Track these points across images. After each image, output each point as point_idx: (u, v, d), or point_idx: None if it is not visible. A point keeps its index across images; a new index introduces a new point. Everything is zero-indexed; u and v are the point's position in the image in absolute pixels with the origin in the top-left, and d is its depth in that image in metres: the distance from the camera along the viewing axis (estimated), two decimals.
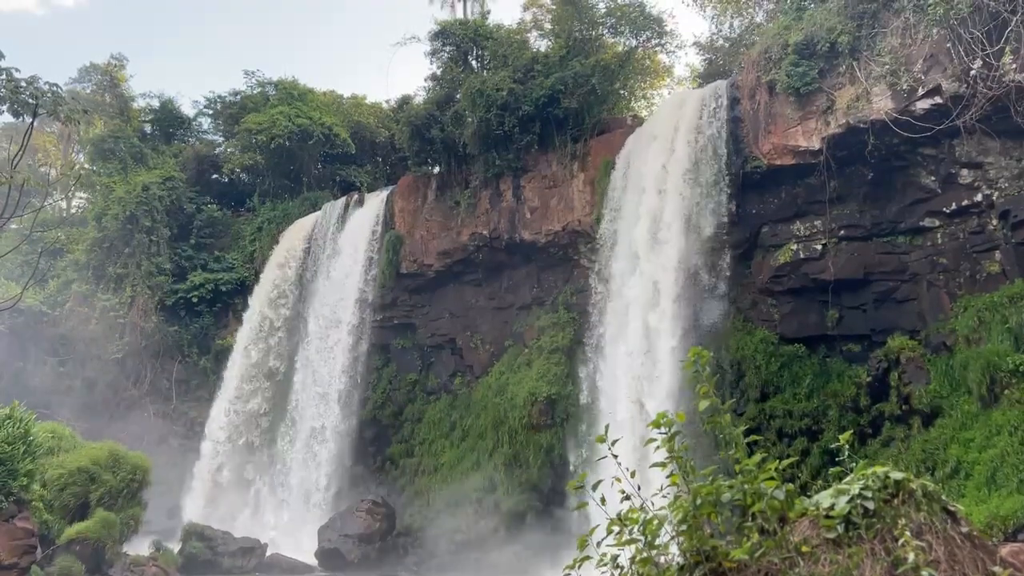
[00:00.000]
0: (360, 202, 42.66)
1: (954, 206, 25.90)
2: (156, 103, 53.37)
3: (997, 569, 3.71)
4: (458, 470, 34.63)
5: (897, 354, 25.72)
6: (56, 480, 27.16)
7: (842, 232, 28.15)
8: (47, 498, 25.18)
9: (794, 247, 29.00)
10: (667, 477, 4.20)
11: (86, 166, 55.33)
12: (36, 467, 19.57)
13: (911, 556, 3.53)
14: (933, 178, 26.13)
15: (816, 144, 26.81)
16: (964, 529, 4.02)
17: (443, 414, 38.08)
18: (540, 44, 39.40)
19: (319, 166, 49.27)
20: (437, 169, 40.45)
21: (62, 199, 58.87)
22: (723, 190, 28.92)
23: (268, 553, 31.78)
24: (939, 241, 26.63)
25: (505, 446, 32.59)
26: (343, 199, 43.36)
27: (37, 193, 47.18)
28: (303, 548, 32.38)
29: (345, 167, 48.94)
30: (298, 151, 46.97)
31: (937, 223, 26.61)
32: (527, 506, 31.17)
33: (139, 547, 28.43)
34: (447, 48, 40.06)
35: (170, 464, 36.94)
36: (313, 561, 31.79)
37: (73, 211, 58.33)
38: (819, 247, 28.55)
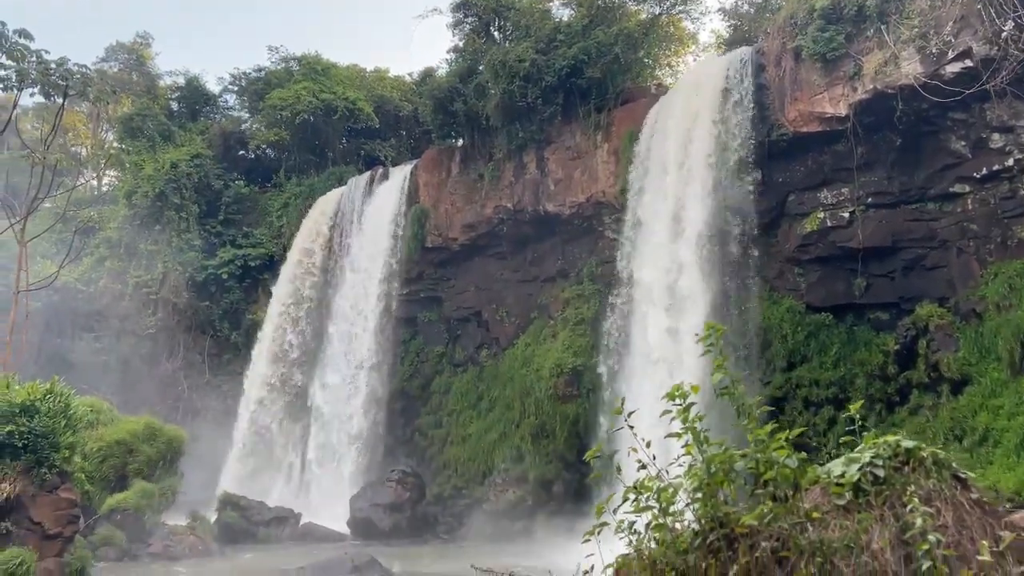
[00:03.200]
0: (385, 176, 42.82)
1: (985, 171, 25.49)
2: (182, 80, 53.85)
3: (1004, 533, 3.81)
4: (485, 441, 35.05)
5: (926, 322, 25.53)
6: (96, 452, 27.99)
7: (870, 199, 27.85)
8: (87, 470, 25.94)
9: (821, 215, 28.76)
10: (682, 447, 4.34)
11: (115, 144, 56.00)
12: (77, 440, 20.17)
13: (919, 521, 3.63)
14: (963, 143, 25.71)
15: (843, 111, 26.47)
16: (974, 495, 4.12)
17: (470, 386, 38.47)
18: (562, 13, 39.02)
19: (343, 141, 49.48)
20: (461, 142, 40.45)
21: (93, 178, 59.73)
22: (749, 158, 28.67)
23: (302, 522, 32.44)
24: (969, 207, 26.26)
25: (532, 417, 32.90)
26: (368, 173, 43.55)
27: (69, 172, 47.94)
28: (335, 518, 32.99)
29: (369, 141, 49.10)
30: (322, 126, 47.19)
31: (967, 189, 26.22)
32: (554, 476, 31.52)
33: (176, 517, 29.19)
34: (469, 19, 39.85)
35: (204, 437, 37.73)
36: (346, 530, 32.41)
37: (104, 189, 59.19)
38: (846, 215, 28.28)
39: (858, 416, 4.33)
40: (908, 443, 4.15)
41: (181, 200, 45.22)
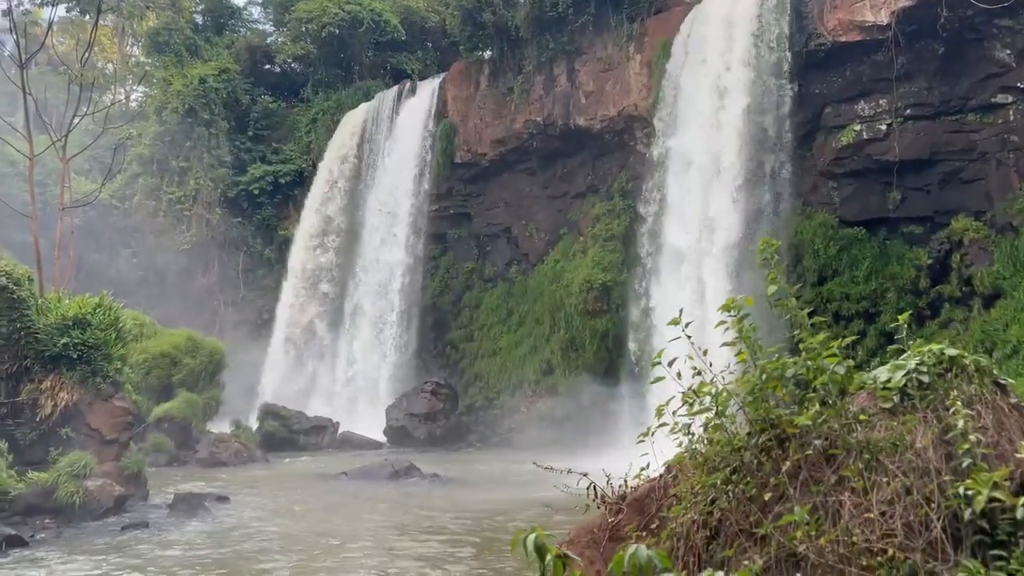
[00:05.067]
0: (412, 91, 42.44)
1: None
2: None
3: None
4: (516, 354, 35.77)
5: (960, 236, 25.39)
6: (141, 364, 29.02)
7: (908, 111, 27.31)
8: (133, 380, 26.98)
9: (857, 127, 28.29)
10: (735, 356, 4.61)
11: (142, 59, 55.71)
12: (127, 352, 21.02)
13: (960, 423, 3.88)
14: (1008, 51, 25.00)
15: (884, 19, 25.73)
16: (1013, 400, 4.36)
17: (500, 301, 39.01)
18: None
19: (370, 54, 48.77)
20: (489, 54, 39.79)
21: (123, 96, 59.63)
22: (785, 70, 28.11)
23: (340, 431, 33.62)
24: (1011, 118, 25.71)
25: (561, 331, 33.44)
26: (395, 88, 43.15)
27: (96, 88, 47.91)
28: (370, 428, 34.15)
29: (396, 54, 48.39)
30: (348, 39, 46.52)
31: (1010, 99, 25.63)
32: (583, 387, 32.22)
33: (219, 426, 30.42)
34: None
35: (242, 350, 38.77)
36: (382, 438, 33.59)
37: (132, 105, 59.17)
38: (884, 127, 27.80)
39: (905, 325, 4.56)
40: (952, 351, 4.37)
41: (210, 116, 45.23)
